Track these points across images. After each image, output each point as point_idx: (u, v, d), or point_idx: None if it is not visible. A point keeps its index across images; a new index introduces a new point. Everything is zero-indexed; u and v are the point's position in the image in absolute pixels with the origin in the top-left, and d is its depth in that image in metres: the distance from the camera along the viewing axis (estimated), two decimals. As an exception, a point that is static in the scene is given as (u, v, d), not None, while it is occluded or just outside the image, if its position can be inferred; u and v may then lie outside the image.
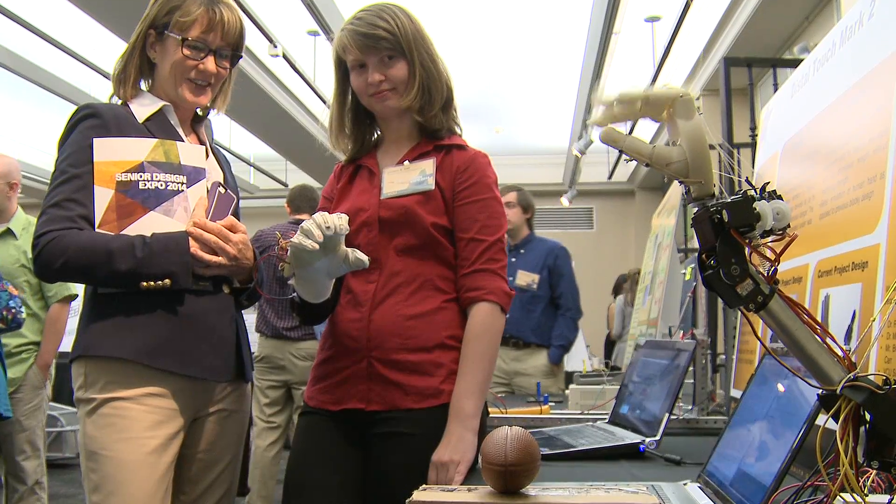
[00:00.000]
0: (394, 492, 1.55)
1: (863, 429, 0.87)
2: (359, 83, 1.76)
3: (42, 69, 6.98)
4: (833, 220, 1.57)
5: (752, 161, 2.70)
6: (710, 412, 2.53)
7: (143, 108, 1.74)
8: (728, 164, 1.03)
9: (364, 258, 1.58)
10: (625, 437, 1.92)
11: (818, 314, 1.55)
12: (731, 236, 0.91)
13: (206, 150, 1.81)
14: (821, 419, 0.96)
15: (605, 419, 2.27)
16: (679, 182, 0.99)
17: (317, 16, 5.59)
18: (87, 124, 1.67)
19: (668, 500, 1.28)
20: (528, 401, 3.20)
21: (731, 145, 3.10)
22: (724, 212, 0.92)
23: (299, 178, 10.52)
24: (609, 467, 1.70)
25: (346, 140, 1.87)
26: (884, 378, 0.86)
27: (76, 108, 1.72)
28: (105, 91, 1.82)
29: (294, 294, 1.71)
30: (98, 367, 1.63)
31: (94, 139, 1.64)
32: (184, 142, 1.75)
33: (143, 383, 1.62)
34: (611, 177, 10.35)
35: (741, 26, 5.59)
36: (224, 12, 1.75)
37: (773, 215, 0.92)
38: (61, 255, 1.57)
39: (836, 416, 0.88)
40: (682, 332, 3.10)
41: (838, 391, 0.87)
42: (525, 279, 4.36)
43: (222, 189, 1.76)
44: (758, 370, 1.38)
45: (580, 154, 8.27)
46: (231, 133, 8.89)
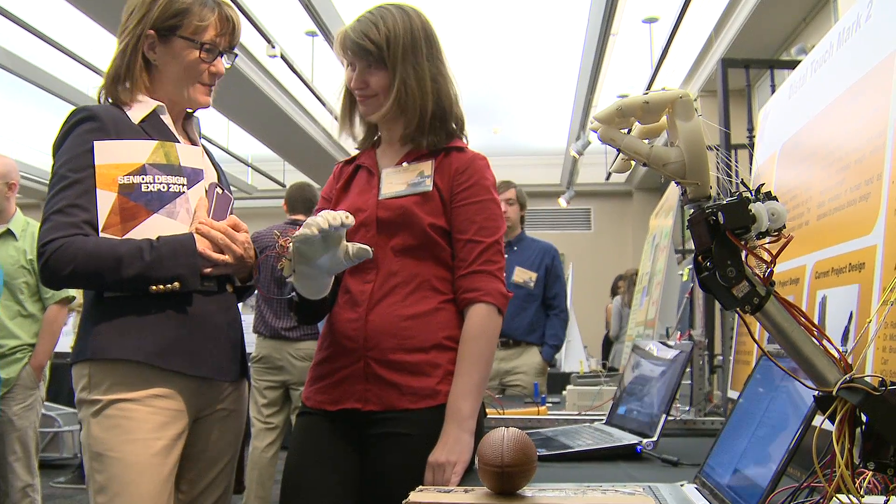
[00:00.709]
0: (391, 492, 1.55)
1: (859, 430, 0.87)
2: (347, 78, 1.80)
3: (41, 70, 6.97)
4: (830, 221, 1.57)
5: (750, 162, 2.71)
6: (707, 413, 2.53)
7: (137, 108, 1.73)
8: (725, 165, 1.03)
9: (366, 247, 1.57)
10: (622, 437, 1.92)
11: (815, 315, 1.55)
12: (726, 238, 0.91)
13: (202, 150, 1.82)
14: (817, 420, 0.96)
15: (602, 420, 2.27)
16: (676, 183, 0.99)
17: (315, 17, 5.59)
18: (85, 127, 1.65)
19: (665, 502, 1.28)
20: (525, 401, 3.21)
21: (729, 146, 3.11)
22: (720, 213, 0.92)
23: (297, 179, 10.47)
24: (606, 468, 1.70)
25: (351, 124, 1.88)
26: (880, 379, 0.86)
27: (71, 111, 1.70)
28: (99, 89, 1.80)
29: (293, 294, 1.71)
30: (104, 370, 1.62)
31: (95, 142, 1.63)
32: (179, 142, 1.75)
33: (149, 385, 1.62)
34: (608, 178, 10.35)
35: (739, 28, 5.59)
36: (231, 15, 1.79)
37: (769, 216, 0.92)
38: (70, 263, 1.56)
39: (832, 418, 0.88)
40: (679, 332, 3.10)
41: (834, 393, 0.87)
42: (523, 276, 4.36)
43: (220, 190, 1.76)
44: (755, 371, 1.38)
45: (578, 155, 8.27)
46: (229, 133, 8.88)
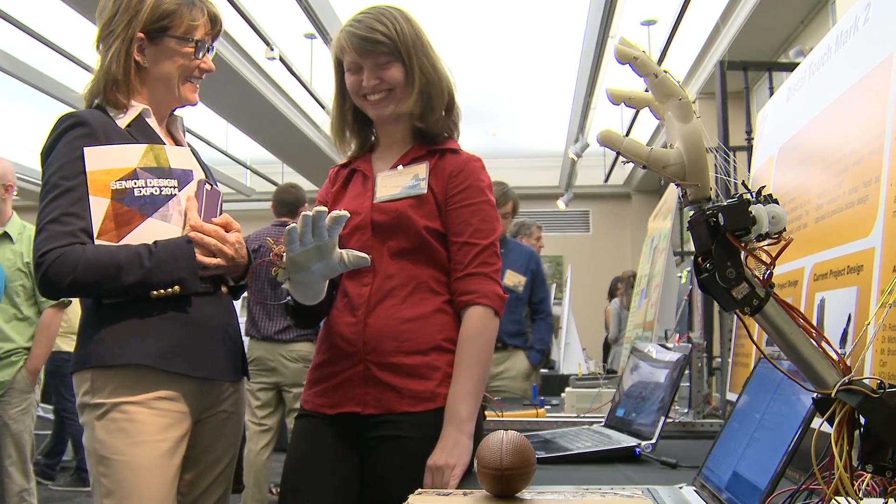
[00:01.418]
0: (390, 495, 1.55)
1: (857, 432, 0.87)
2: (352, 83, 1.76)
3: (38, 71, 6.97)
4: (829, 223, 1.57)
5: (749, 164, 2.71)
6: (705, 415, 2.53)
7: (121, 114, 1.73)
8: (724, 167, 1.03)
9: (364, 255, 1.58)
10: (621, 440, 1.92)
11: (814, 317, 1.56)
12: (726, 240, 0.92)
13: (190, 149, 1.82)
14: (816, 422, 0.96)
15: (601, 422, 2.27)
16: (676, 185, 0.99)
17: (313, 19, 5.59)
18: (74, 134, 1.64)
19: (663, 504, 1.28)
20: (524, 403, 3.21)
21: (727, 148, 3.11)
22: (720, 215, 0.92)
23: (295, 181, 10.54)
24: (605, 471, 1.70)
25: (346, 139, 1.88)
26: (878, 382, 0.86)
27: (59, 118, 1.68)
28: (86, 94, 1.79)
29: (288, 298, 1.71)
30: (106, 375, 1.62)
31: (85, 148, 1.62)
32: (165, 144, 1.74)
33: (153, 387, 1.62)
34: (607, 180, 10.35)
35: (737, 30, 5.60)
36: (216, 10, 1.79)
37: (769, 219, 0.92)
38: (70, 273, 1.55)
39: (830, 420, 0.88)
40: (677, 335, 3.11)
41: (833, 395, 0.87)
42: (513, 279, 4.37)
43: (208, 186, 1.76)
44: (753, 373, 1.38)
45: (576, 157, 8.28)
46: (227, 135, 8.89)
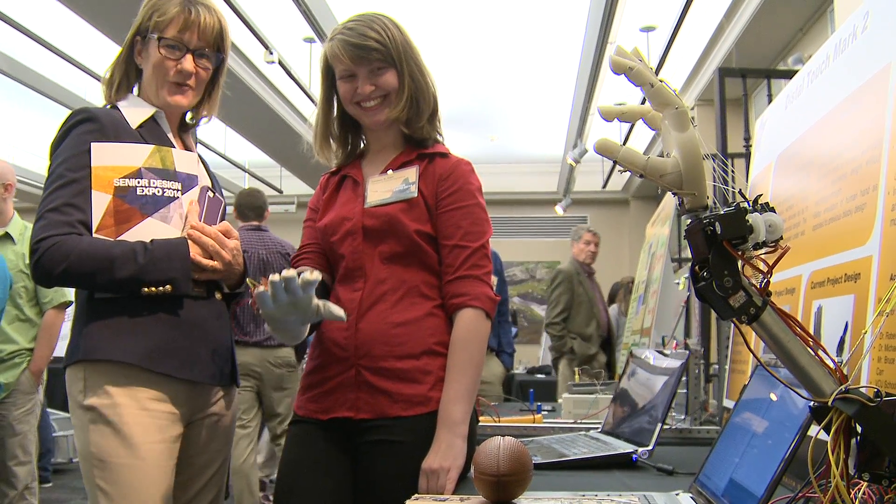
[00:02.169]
0: (383, 499, 1.55)
1: (854, 441, 0.87)
2: (346, 91, 1.75)
3: (38, 74, 6.97)
4: (826, 231, 1.58)
5: (746, 171, 2.72)
6: (702, 422, 2.53)
7: (135, 113, 1.74)
8: (722, 175, 1.03)
9: (340, 313, 1.55)
10: (617, 446, 1.92)
11: (811, 325, 1.56)
12: (723, 248, 0.92)
13: (198, 156, 1.82)
14: (813, 430, 0.96)
15: (597, 428, 2.27)
16: (673, 193, 0.99)
17: (313, 23, 5.60)
18: (84, 128, 1.66)
19: (660, 511, 1.28)
20: (520, 409, 3.20)
21: (725, 156, 3.12)
22: (717, 224, 0.92)
23: (294, 185, 10.56)
24: (601, 477, 1.70)
25: (329, 148, 1.87)
26: (875, 391, 0.87)
27: (71, 112, 1.71)
28: (101, 96, 1.82)
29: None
30: (99, 372, 1.62)
31: (92, 143, 1.64)
32: (174, 147, 1.75)
33: (145, 388, 1.62)
34: (605, 186, 10.37)
35: (736, 37, 5.62)
36: (201, 12, 1.75)
37: (766, 228, 0.93)
38: (63, 261, 1.56)
39: (827, 428, 0.88)
40: (675, 341, 3.11)
41: (830, 403, 0.87)
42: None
43: (211, 193, 1.76)
44: (750, 380, 1.39)
45: (575, 163, 8.29)
46: (226, 139, 8.89)
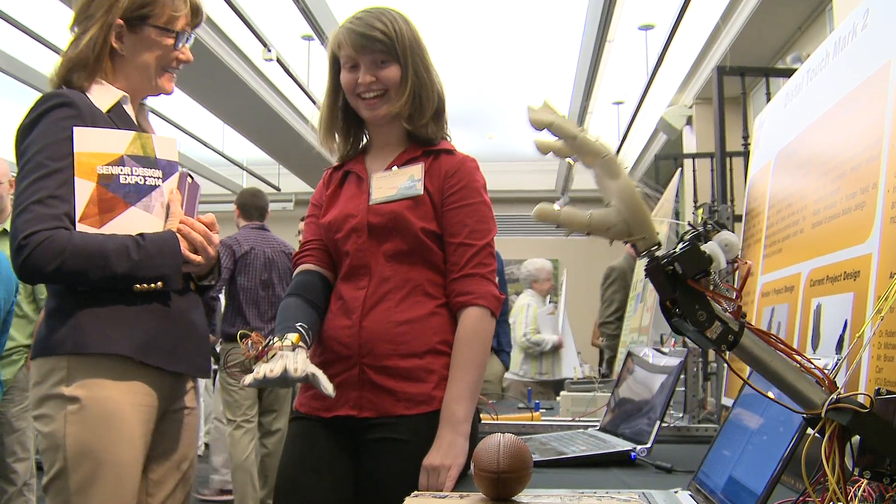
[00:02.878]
0: (385, 498, 1.55)
1: (852, 440, 0.87)
2: (347, 80, 1.74)
3: (35, 71, 6.95)
4: (825, 229, 1.58)
5: (745, 170, 2.72)
6: (700, 420, 2.53)
7: (102, 98, 1.69)
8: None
9: (330, 390, 1.51)
10: (616, 444, 1.92)
11: (810, 323, 1.56)
12: (689, 287, 0.90)
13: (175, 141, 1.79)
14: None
15: (596, 426, 2.27)
16: (624, 242, 0.97)
17: (311, 20, 5.59)
18: (61, 113, 1.59)
19: (659, 508, 1.28)
20: (518, 407, 3.21)
21: (724, 154, 3.11)
22: (676, 264, 0.90)
23: (292, 183, 10.55)
24: (600, 474, 1.70)
25: (333, 138, 1.86)
26: (875, 389, 0.86)
27: (43, 96, 1.63)
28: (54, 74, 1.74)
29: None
30: (85, 363, 1.57)
31: (75, 128, 1.59)
32: (153, 134, 1.72)
33: (132, 380, 1.59)
34: (603, 184, 10.34)
35: (734, 36, 5.61)
36: (199, 3, 1.77)
37: (723, 249, 0.91)
38: (57, 258, 1.51)
39: (822, 433, 0.88)
40: (673, 339, 3.10)
41: (823, 415, 0.87)
42: None
43: (189, 179, 1.74)
44: (751, 373, 1.38)
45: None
46: (224, 137, 8.87)
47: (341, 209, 1.78)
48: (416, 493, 1.26)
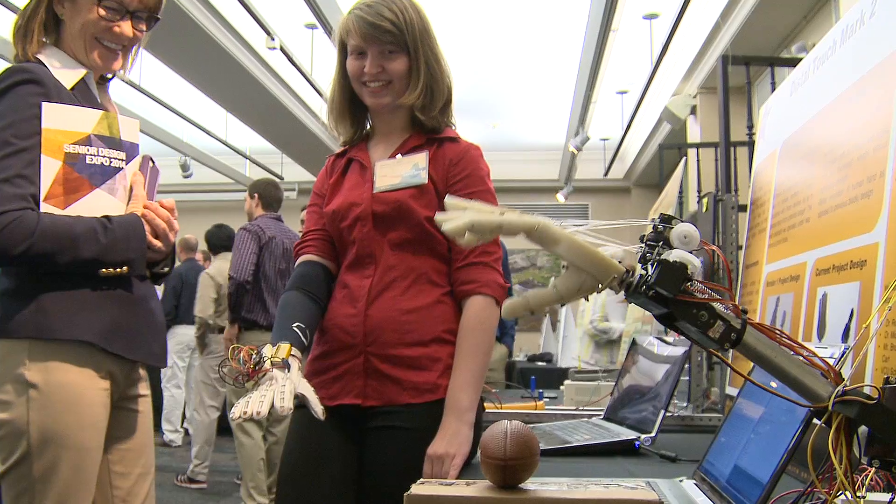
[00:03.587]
0: (390, 486, 1.55)
1: (860, 431, 0.87)
2: (354, 67, 1.73)
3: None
4: (832, 218, 1.57)
5: (750, 159, 2.71)
6: (704, 409, 2.53)
7: (66, 74, 1.64)
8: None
9: (319, 412, 1.49)
10: (620, 433, 1.92)
11: (816, 312, 1.55)
12: (680, 301, 0.89)
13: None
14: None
15: (600, 415, 2.27)
16: (598, 291, 0.96)
17: (315, 9, 5.58)
18: (28, 90, 1.54)
19: (664, 497, 1.28)
20: (522, 396, 3.21)
21: (729, 144, 3.11)
22: (659, 290, 0.89)
23: (295, 172, 10.55)
24: (604, 463, 1.70)
25: (344, 122, 1.84)
26: (885, 378, 0.86)
27: (7, 69, 1.57)
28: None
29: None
30: (50, 348, 1.54)
31: (43, 103, 1.55)
32: (119, 113, 1.68)
33: (94, 367, 1.58)
34: (607, 174, 10.36)
35: (739, 25, 5.59)
36: None
37: (684, 242, 0.90)
38: (26, 239, 1.47)
39: (828, 424, 0.87)
40: (677, 329, 3.10)
41: (829, 408, 0.87)
42: None
43: (151, 163, 1.72)
44: (754, 367, 1.38)
45: (576, 150, 8.27)
46: (227, 126, 8.87)
47: (345, 198, 1.77)
48: (421, 480, 1.26)
